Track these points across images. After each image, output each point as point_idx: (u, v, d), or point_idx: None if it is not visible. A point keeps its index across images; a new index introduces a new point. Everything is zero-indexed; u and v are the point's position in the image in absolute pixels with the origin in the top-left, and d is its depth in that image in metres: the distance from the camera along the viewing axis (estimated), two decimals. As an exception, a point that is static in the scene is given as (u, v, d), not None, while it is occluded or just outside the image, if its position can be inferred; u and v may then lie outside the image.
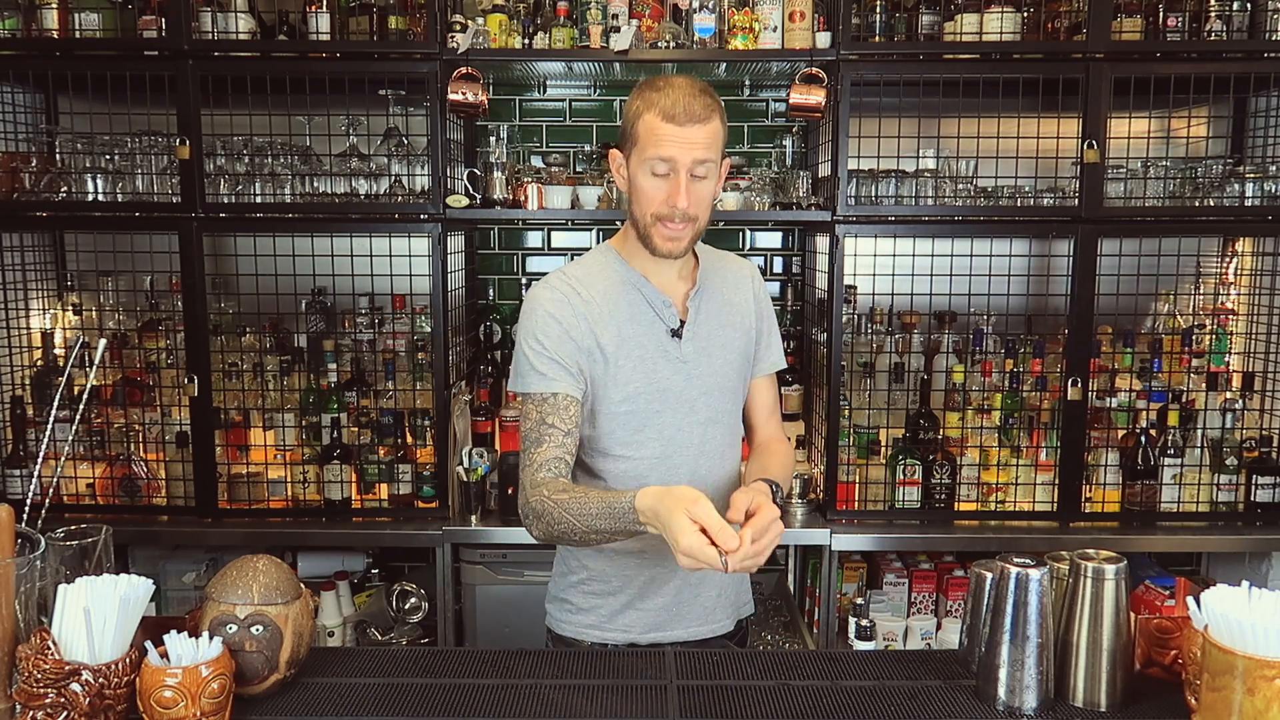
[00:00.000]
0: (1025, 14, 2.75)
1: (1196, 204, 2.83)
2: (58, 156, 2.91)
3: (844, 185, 2.71)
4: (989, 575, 1.47)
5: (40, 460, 1.98)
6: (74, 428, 2.66)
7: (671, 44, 2.74)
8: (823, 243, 2.94)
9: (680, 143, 1.65)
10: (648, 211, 1.70)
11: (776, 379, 2.00)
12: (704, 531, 1.40)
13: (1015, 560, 1.42)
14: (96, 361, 1.88)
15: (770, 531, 1.47)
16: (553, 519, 1.60)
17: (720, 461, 1.86)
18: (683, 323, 1.80)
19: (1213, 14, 2.70)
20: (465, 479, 2.80)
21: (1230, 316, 3.10)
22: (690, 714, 1.43)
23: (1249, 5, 2.72)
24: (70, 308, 3.08)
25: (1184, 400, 2.88)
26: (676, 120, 1.64)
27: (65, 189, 2.81)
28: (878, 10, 2.77)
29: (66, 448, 2.75)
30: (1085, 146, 2.67)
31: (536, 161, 3.24)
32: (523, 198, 2.86)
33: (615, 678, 1.55)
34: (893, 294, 2.82)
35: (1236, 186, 2.81)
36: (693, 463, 1.81)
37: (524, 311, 1.78)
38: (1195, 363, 2.92)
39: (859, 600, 2.51)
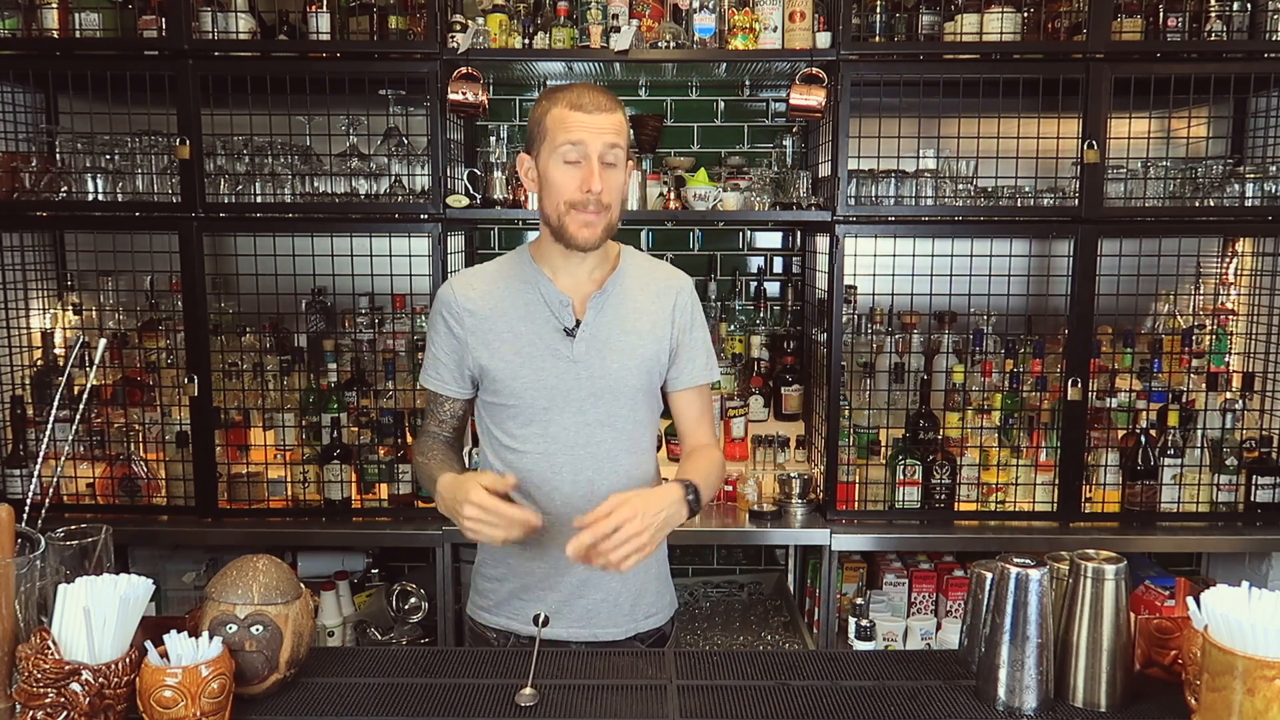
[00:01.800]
0: (1025, 14, 2.75)
1: (1196, 204, 2.83)
2: (58, 156, 2.91)
3: (844, 185, 2.71)
4: (989, 575, 1.47)
5: (40, 460, 1.99)
6: (74, 427, 2.65)
7: (671, 44, 2.74)
8: (823, 243, 2.94)
9: (590, 128, 1.71)
10: (560, 200, 1.74)
11: (705, 391, 1.96)
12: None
13: (1015, 560, 1.42)
14: (96, 361, 1.87)
15: (619, 515, 1.55)
16: (418, 474, 1.94)
17: (612, 466, 1.83)
18: (579, 323, 1.81)
19: (1213, 14, 2.70)
20: (465, 479, 2.80)
21: (1230, 317, 3.10)
22: (690, 714, 1.43)
23: (1249, 5, 2.72)
24: (70, 307, 3.08)
25: (1184, 400, 2.88)
26: (584, 109, 1.71)
27: (65, 189, 2.81)
28: (878, 10, 2.77)
29: (66, 447, 2.75)
30: (1085, 146, 2.67)
31: (536, 161, 3.23)
32: (523, 198, 2.86)
33: (615, 678, 1.55)
34: (893, 294, 2.81)
35: (1236, 187, 2.81)
36: (576, 464, 1.81)
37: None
38: (1195, 363, 2.92)
39: (859, 600, 2.51)
